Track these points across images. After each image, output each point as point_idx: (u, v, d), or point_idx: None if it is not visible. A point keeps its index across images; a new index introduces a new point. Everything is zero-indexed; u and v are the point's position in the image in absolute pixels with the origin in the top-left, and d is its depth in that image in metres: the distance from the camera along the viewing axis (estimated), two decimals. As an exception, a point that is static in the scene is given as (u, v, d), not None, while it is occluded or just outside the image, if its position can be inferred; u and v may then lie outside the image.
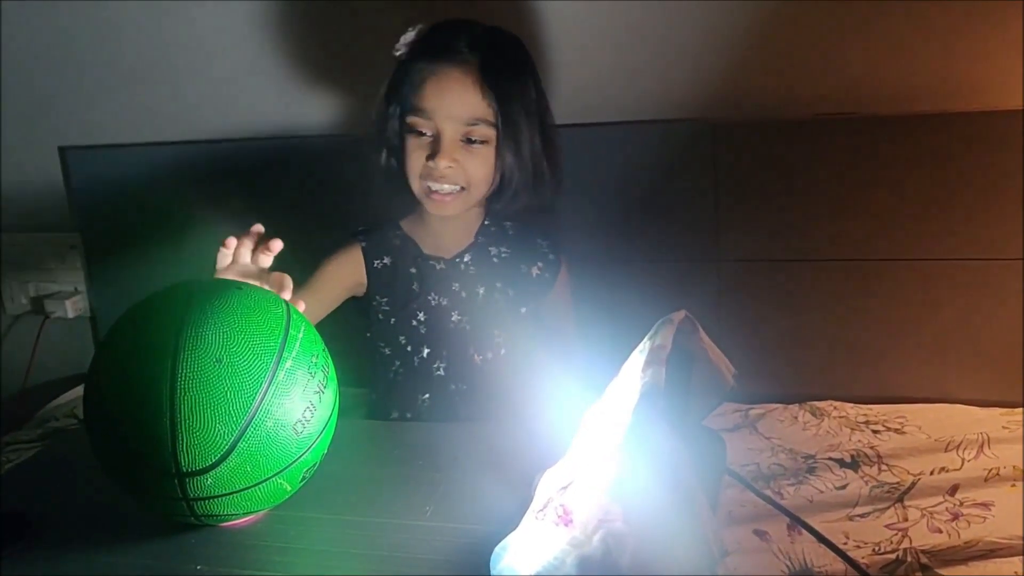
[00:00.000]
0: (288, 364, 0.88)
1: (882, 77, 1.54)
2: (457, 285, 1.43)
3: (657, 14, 1.57)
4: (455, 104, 1.32)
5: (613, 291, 1.55)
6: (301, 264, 1.75)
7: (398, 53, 1.38)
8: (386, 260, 1.43)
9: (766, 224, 1.61)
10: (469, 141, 1.34)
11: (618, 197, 1.63)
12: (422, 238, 1.45)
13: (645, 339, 0.85)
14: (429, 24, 1.39)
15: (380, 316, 1.43)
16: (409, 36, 1.38)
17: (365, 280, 1.43)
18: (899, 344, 1.60)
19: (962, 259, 1.54)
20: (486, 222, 1.47)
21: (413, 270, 1.43)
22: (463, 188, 1.36)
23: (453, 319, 1.42)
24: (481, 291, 1.44)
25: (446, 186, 1.35)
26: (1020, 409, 1.50)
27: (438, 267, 1.44)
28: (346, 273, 1.43)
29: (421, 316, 1.42)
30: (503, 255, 1.46)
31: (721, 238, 1.62)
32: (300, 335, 0.92)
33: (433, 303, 1.42)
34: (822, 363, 1.64)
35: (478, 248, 1.45)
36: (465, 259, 1.44)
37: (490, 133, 1.34)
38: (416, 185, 1.37)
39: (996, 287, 1.54)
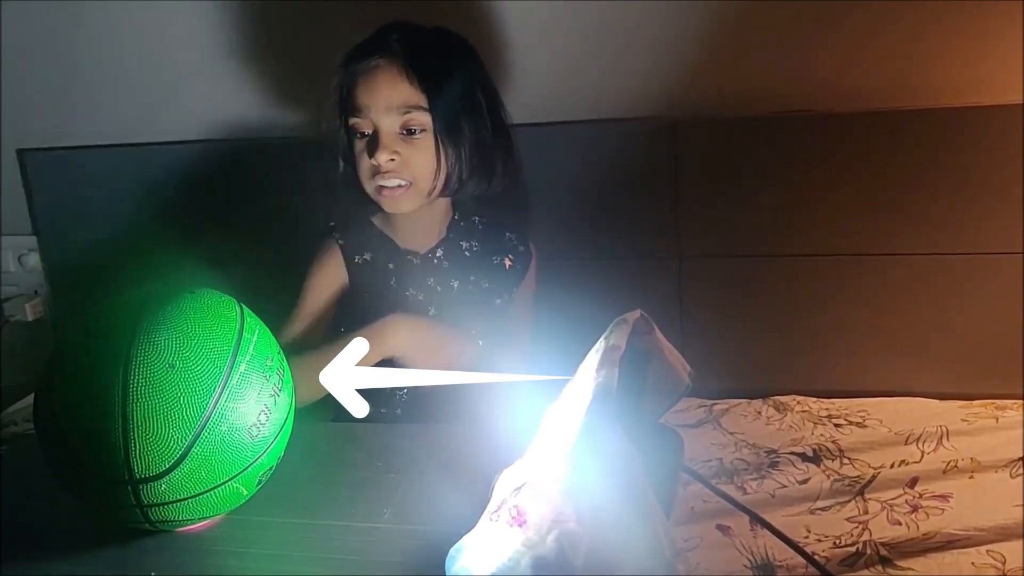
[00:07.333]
0: (242, 368, 0.88)
1: (842, 74, 1.55)
2: (432, 280, 1.43)
3: (617, 14, 1.57)
4: (384, 94, 1.33)
5: (574, 289, 1.55)
6: (268, 265, 1.75)
7: (340, 63, 1.38)
8: (366, 256, 1.43)
9: (726, 221, 1.62)
10: (409, 133, 1.34)
11: (579, 195, 1.63)
12: (394, 234, 1.45)
13: (600, 339, 0.85)
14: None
15: (359, 311, 1.42)
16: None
17: (347, 279, 1.43)
18: (860, 338, 1.62)
19: (920, 254, 1.56)
20: (455, 216, 1.48)
21: (391, 265, 1.43)
22: (410, 183, 1.36)
23: (430, 313, 1.42)
24: (455, 284, 1.44)
25: (393, 180, 1.35)
26: (978, 402, 1.52)
27: (414, 262, 1.44)
28: (333, 278, 1.42)
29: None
30: (474, 249, 1.47)
31: (682, 235, 1.63)
32: (254, 338, 0.91)
33: (410, 298, 1.42)
34: (785, 358, 1.65)
35: (449, 243, 1.46)
36: (437, 254, 1.45)
37: (426, 120, 1.34)
38: (368, 187, 1.37)
39: (954, 282, 1.56)
